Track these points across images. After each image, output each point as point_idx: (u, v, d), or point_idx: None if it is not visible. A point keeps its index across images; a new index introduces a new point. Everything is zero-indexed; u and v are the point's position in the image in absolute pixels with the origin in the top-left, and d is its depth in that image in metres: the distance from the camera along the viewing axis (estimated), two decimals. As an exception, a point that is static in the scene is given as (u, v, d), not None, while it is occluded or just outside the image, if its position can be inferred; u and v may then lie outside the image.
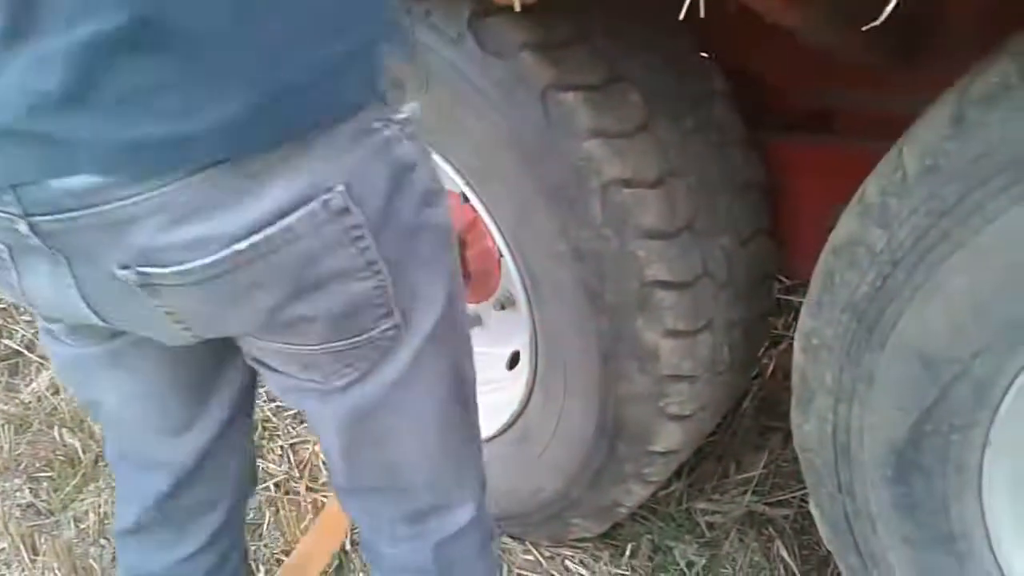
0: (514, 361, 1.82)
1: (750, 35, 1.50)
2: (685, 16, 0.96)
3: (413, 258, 0.87)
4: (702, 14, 0.96)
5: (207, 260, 0.75)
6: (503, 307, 1.78)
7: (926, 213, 1.05)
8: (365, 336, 0.86)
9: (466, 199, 1.56)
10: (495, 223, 1.53)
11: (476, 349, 1.09)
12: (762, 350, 2.02)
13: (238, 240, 0.74)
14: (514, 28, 1.36)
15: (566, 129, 1.36)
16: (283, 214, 0.74)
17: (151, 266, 0.75)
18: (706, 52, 1.58)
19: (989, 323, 1.03)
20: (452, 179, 1.54)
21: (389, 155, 0.82)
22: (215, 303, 0.79)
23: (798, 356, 1.25)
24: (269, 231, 0.74)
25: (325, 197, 0.76)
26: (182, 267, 0.75)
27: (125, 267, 0.76)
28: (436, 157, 1.54)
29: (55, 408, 2.47)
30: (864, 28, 0.81)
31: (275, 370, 0.93)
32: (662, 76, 1.44)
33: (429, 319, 0.91)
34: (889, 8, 0.79)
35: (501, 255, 1.57)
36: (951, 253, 1.04)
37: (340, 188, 0.76)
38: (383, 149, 0.81)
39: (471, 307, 1.80)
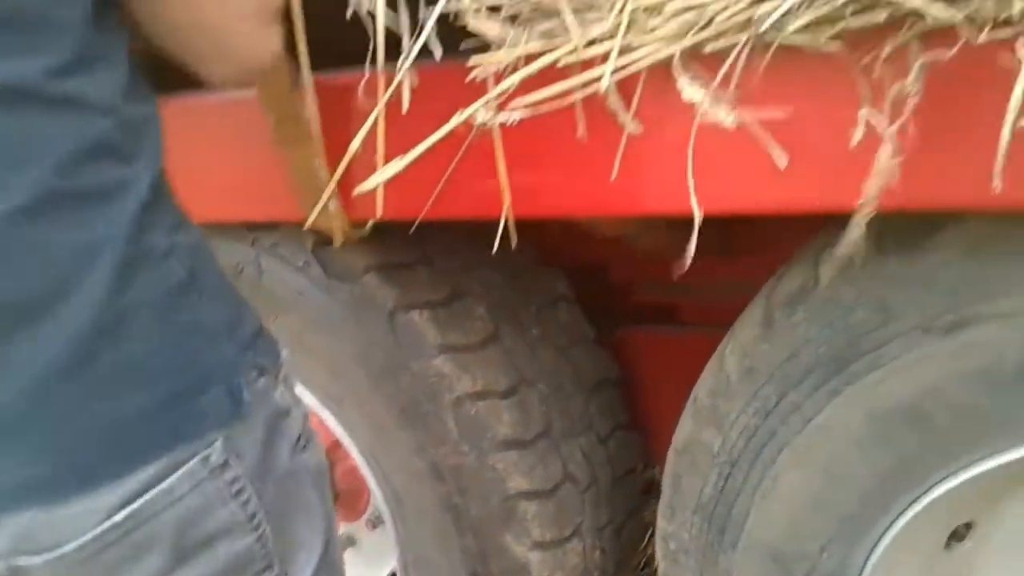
0: (392, 582, 1.75)
1: (590, 237, 1.58)
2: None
3: (292, 505, 0.85)
4: (514, 244, 1.01)
5: (81, 540, 0.71)
6: (375, 526, 1.72)
7: (752, 413, 1.09)
8: None
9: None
10: (354, 444, 1.50)
11: (351, 572, 1.04)
12: (647, 538, 2.00)
13: (116, 511, 0.71)
14: (357, 253, 1.39)
15: (415, 347, 1.37)
16: (161, 478, 0.72)
17: (23, 554, 0.72)
18: (551, 254, 1.66)
19: (827, 517, 1.05)
20: (309, 402, 1.52)
21: (264, 404, 0.81)
22: None
23: (660, 563, 1.24)
24: (149, 495, 0.72)
25: (204, 453, 0.74)
26: (53, 553, 0.71)
27: None
28: (292, 381, 1.53)
29: None
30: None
31: None
32: (506, 288, 1.49)
33: (308, 567, 0.88)
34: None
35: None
36: (780, 451, 1.07)
37: (218, 443, 0.76)
38: (258, 400, 0.80)
39: (344, 527, 1.74)
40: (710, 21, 0.72)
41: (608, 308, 1.71)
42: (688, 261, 1.26)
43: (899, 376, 0.98)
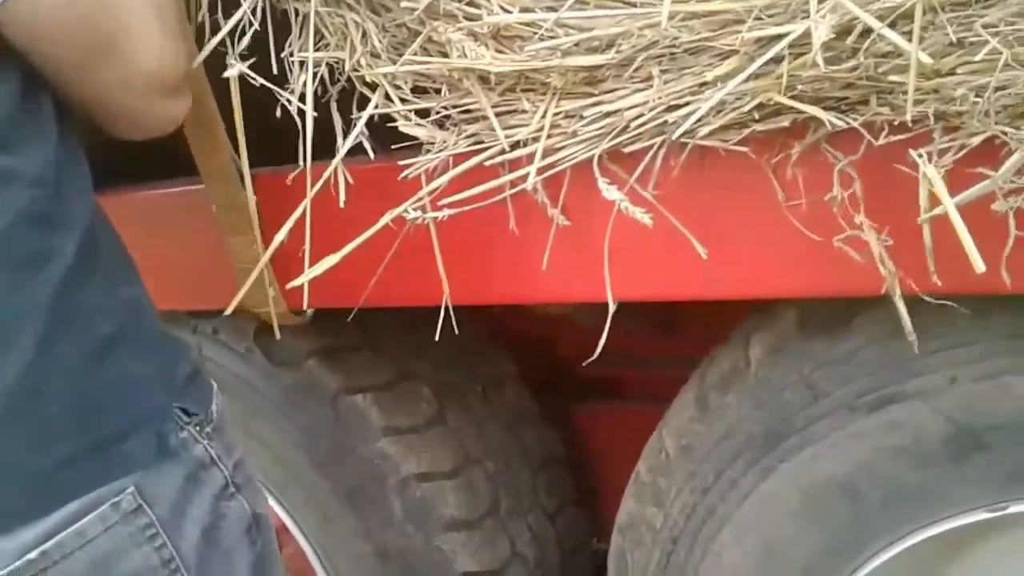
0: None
1: (535, 315, 1.60)
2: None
3: (213, 552, 0.85)
4: (456, 331, 1.03)
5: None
6: (324, 611, 1.68)
7: (691, 491, 1.10)
8: None
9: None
10: (299, 529, 1.49)
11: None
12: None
13: (31, 548, 0.73)
14: (300, 338, 1.40)
15: (359, 430, 1.37)
16: (76, 519, 0.74)
17: None
18: (497, 331, 1.67)
19: (769, 592, 1.07)
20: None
21: (189, 450, 0.82)
22: None
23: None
24: (62, 535, 0.74)
25: (115, 499, 0.76)
26: None
27: None
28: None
29: None
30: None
31: None
32: (452, 368, 1.50)
33: None
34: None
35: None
36: (720, 528, 1.08)
37: (130, 489, 0.77)
38: (175, 451, 0.81)
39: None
40: (627, 125, 0.76)
41: (556, 384, 1.72)
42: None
43: (830, 452, 1.01)
